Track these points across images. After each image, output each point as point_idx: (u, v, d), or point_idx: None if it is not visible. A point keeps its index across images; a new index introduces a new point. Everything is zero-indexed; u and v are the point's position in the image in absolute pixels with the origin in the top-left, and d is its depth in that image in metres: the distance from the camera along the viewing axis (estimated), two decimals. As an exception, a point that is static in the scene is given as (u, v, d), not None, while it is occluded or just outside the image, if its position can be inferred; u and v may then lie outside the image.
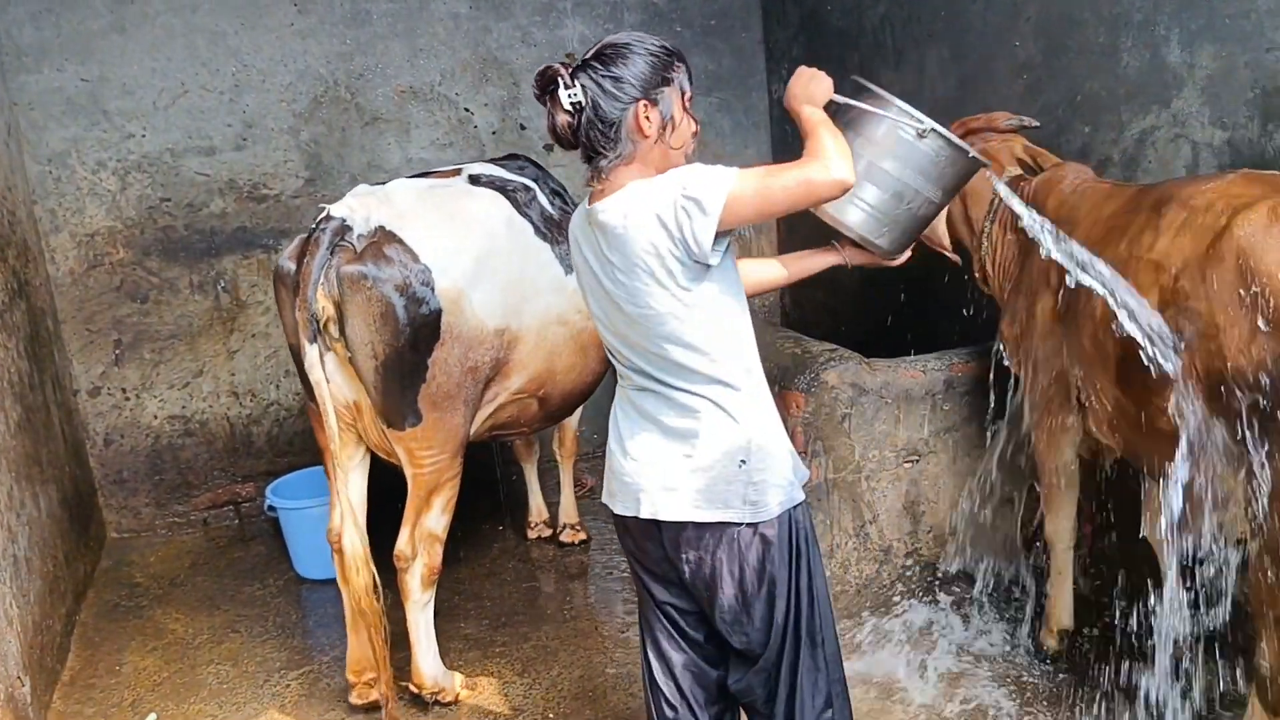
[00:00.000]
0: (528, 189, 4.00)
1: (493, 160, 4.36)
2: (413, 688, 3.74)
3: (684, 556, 2.46)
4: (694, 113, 2.45)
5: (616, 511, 2.56)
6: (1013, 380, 3.55)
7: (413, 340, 3.34)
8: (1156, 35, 3.39)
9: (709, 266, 2.28)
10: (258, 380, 5.56)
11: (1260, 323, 2.43)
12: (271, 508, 4.87)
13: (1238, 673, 3.05)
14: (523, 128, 5.80)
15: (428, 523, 3.59)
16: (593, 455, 6.10)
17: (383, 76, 5.55)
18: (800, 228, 5.94)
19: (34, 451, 4.31)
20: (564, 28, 5.80)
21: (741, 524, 2.41)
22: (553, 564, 4.91)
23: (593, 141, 2.31)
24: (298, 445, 5.60)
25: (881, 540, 4.00)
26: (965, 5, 4.29)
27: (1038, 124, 3.57)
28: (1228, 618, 2.97)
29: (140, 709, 3.88)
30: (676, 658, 2.62)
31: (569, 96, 2.27)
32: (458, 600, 4.55)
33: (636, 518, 2.49)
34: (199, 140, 5.33)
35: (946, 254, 3.50)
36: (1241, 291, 2.47)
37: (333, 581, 3.88)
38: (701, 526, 2.42)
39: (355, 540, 3.43)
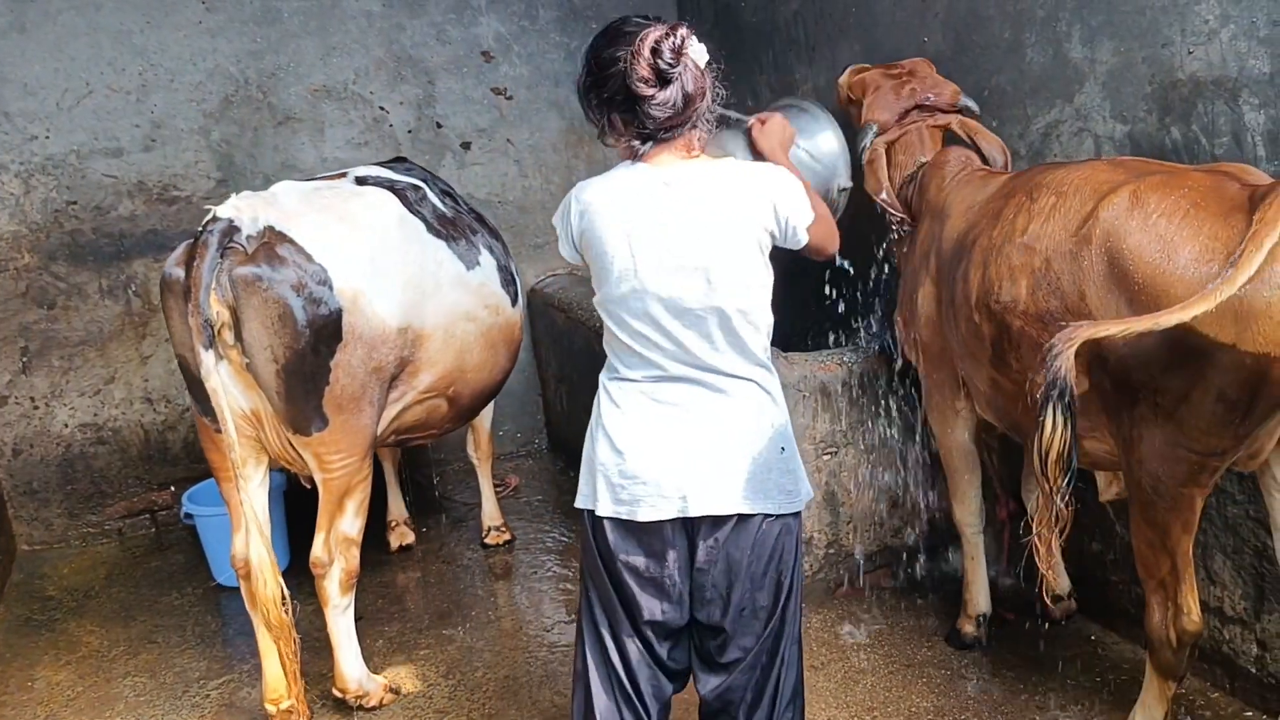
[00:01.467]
0: (416, 188, 3.97)
1: (378, 163, 4.33)
2: (336, 692, 3.70)
3: (707, 554, 2.40)
4: None
5: (637, 518, 2.39)
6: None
7: (313, 342, 3.27)
8: (1059, 31, 3.47)
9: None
10: (172, 386, 5.44)
11: (1124, 301, 2.55)
12: (189, 515, 4.77)
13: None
14: (439, 125, 5.76)
15: (342, 526, 3.54)
16: (515, 455, 6.09)
17: (295, 75, 5.47)
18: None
19: (-64, 464, 4.18)
20: (479, 25, 5.77)
21: (775, 514, 2.41)
22: (478, 565, 4.88)
23: (692, 111, 2.30)
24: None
25: (803, 532, 4.04)
26: (875, 0, 4.35)
27: (978, 110, 3.70)
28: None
29: (53, 726, 3.79)
30: (643, 673, 2.52)
31: (704, 54, 2.30)
32: (381, 604, 4.51)
33: (658, 521, 2.39)
34: (106, 141, 5.20)
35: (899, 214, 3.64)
36: (1106, 271, 2.59)
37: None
38: (740, 519, 2.38)
39: (262, 551, 3.30)
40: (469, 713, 3.68)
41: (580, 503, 2.54)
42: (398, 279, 3.53)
